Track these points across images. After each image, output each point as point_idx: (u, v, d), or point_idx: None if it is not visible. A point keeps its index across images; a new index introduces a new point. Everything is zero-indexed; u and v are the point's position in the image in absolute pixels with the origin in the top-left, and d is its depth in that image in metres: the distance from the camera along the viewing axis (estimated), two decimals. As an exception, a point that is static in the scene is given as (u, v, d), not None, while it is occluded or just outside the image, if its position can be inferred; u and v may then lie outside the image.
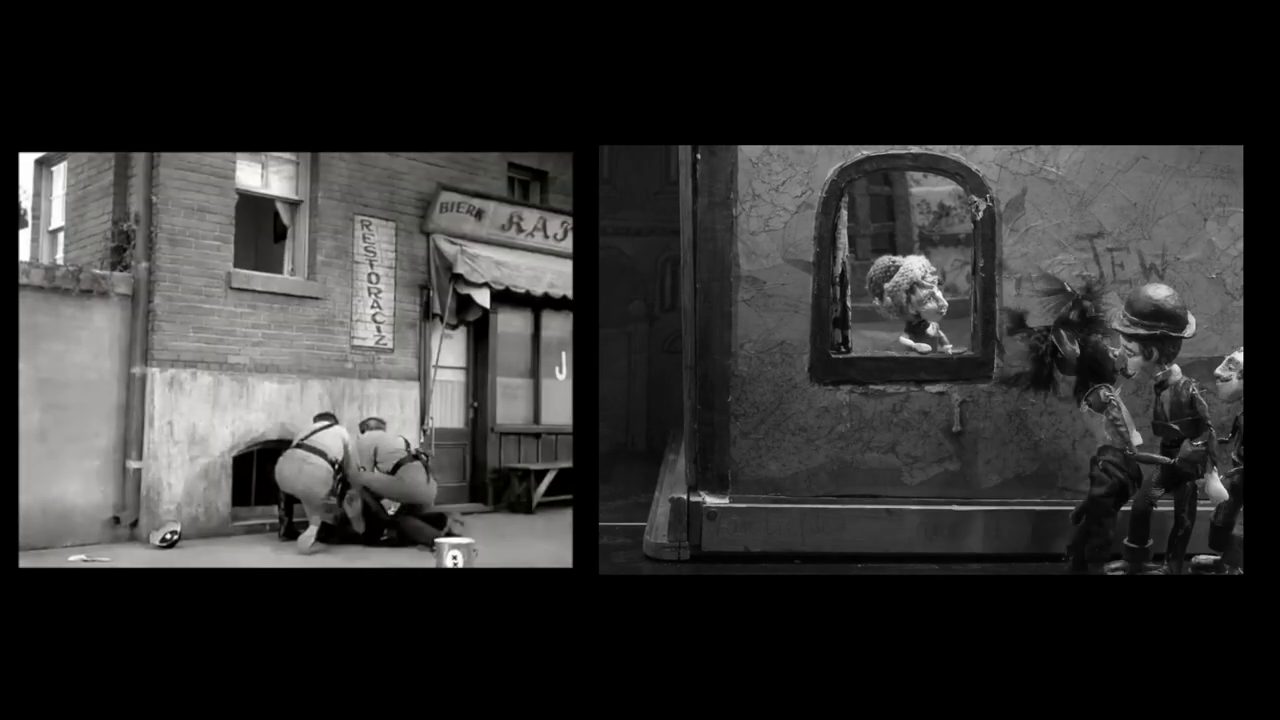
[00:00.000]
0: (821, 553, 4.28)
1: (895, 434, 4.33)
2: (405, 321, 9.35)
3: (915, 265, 4.49)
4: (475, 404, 10.15)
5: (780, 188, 4.28)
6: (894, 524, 4.27)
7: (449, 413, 9.97)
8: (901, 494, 4.32)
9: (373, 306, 9.12)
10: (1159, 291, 3.99)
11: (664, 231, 5.90)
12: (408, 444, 7.81)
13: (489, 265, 9.48)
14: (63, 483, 7.15)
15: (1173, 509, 4.02)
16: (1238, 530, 3.96)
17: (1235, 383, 3.92)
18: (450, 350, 9.84)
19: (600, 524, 4.59)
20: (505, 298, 9.70)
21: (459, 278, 9.31)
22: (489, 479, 10.00)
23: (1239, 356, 3.93)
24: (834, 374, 4.32)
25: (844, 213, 4.36)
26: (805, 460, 4.35)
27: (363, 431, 7.97)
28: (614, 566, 4.27)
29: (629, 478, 5.39)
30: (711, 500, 4.33)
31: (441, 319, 9.39)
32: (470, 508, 9.52)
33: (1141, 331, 3.95)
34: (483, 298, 9.45)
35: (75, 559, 6.83)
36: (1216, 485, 3.96)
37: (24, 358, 6.98)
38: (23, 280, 6.95)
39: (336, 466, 7.41)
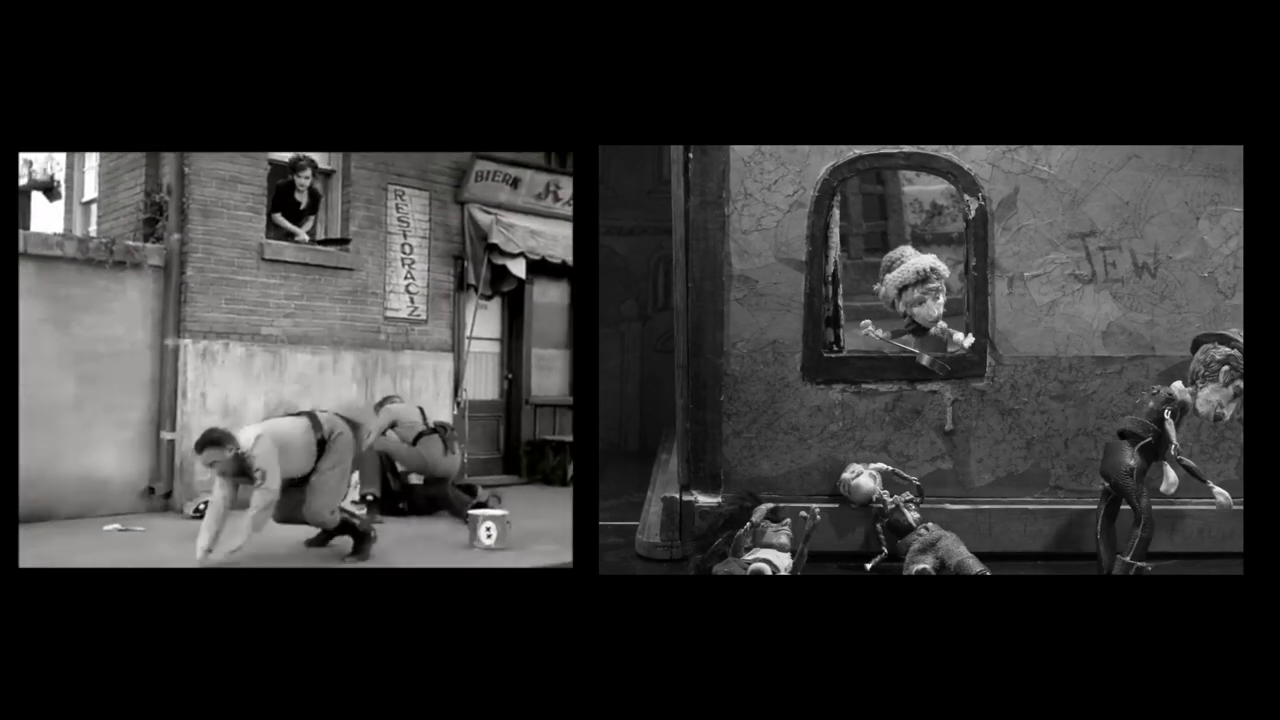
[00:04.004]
0: (814, 552, 4.26)
1: (888, 433, 4.32)
2: (439, 292, 9.26)
3: (910, 268, 4.41)
4: (510, 375, 10.05)
5: (772, 186, 4.28)
6: (886, 523, 4.26)
7: (483, 384, 9.88)
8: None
9: (406, 277, 9.04)
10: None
11: (656, 231, 5.90)
12: (424, 418, 7.82)
13: (524, 235, 9.32)
14: (97, 454, 7.27)
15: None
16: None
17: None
18: (485, 321, 9.73)
19: (591, 523, 4.58)
20: (541, 268, 9.52)
21: (494, 248, 9.16)
22: (523, 451, 9.89)
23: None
24: (826, 373, 4.32)
25: (836, 211, 4.36)
26: (798, 459, 4.34)
27: (378, 409, 7.98)
28: (606, 566, 4.26)
29: (621, 477, 5.37)
30: (704, 499, 4.33)
31: (476, 290, 9.28)
32: (504, 480, 9.44)
33: None
34: (518, 268, 9.29)
35: (110, 528, 6.99)
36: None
37: (58, 329, 7.17)
38: (56, 252, 7.16)
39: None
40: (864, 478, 4.21)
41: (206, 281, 7.70)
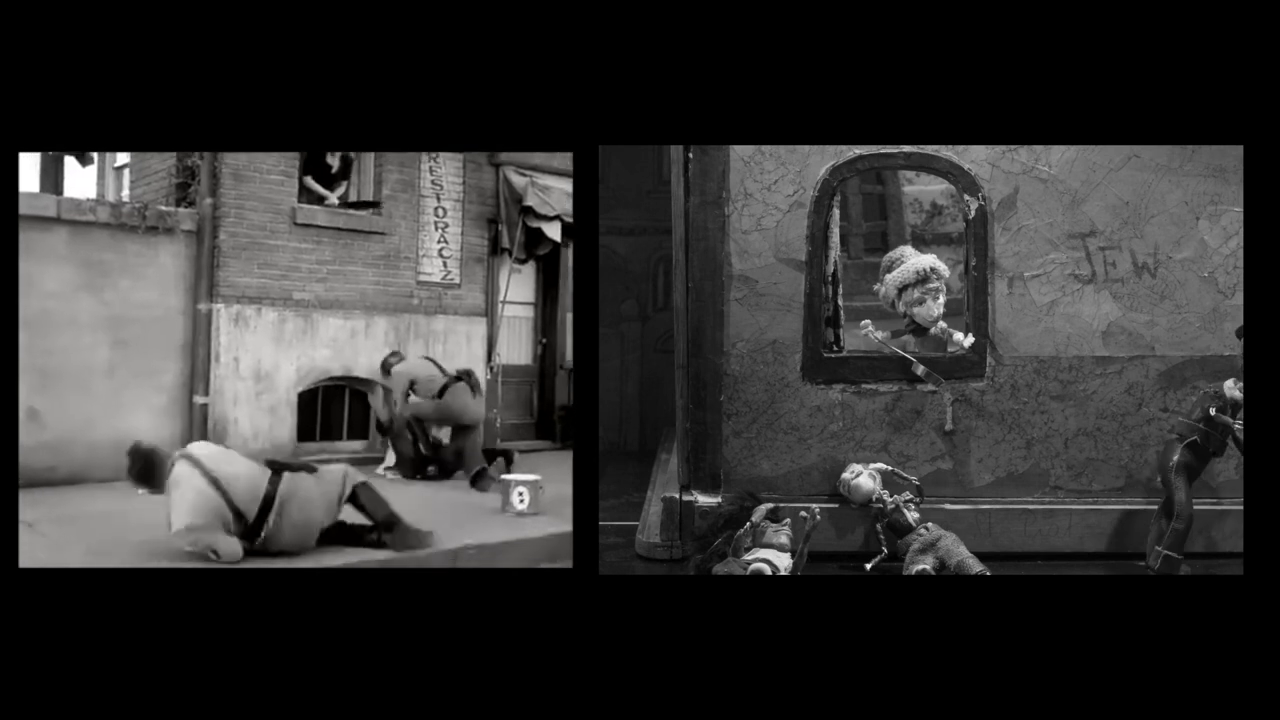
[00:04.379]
0: (814, 552, 4.26)
1: (887, 433, 4.32)
2: (473, 256, 9.18)
3: (910, 268, 4.42)
4: (544, 340, 9.96)
5: (772, 186, 4.28)
6: (886, 523, 4.26)
7: (517, 349, 9.80)
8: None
9: (439, 241, 8.97)
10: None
11: (656, 231, 5.91)
12: (440, 368, 7.79)
13: (560, 197, 9.10)
14: (131, 418, 7.36)
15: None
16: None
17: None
18: (519, 285, 9.62)
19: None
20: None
21: (529, 210, 8.98)
22: (557, 416, 9.84)
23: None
24: (826, 373, 4.32)
25: (836, 211, 4.37)
26: (797, 459, 4.35)
27: (386, 371, 7.95)
28: (607, 566, 4.27)
29: (621, 477, 5.38)
30: (704, 499, 4.33)
31: (510, 253, 9.18)
32: (537, 445, 9.41)
33: None
34: (553, 231, 9.08)
35: (144, 490, 6.95)
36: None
37: (91, 294, 7.29)
38: (89, 218, 7.27)
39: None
40: (864, 478, 4.21)
41: (239, 246, 7.74)
